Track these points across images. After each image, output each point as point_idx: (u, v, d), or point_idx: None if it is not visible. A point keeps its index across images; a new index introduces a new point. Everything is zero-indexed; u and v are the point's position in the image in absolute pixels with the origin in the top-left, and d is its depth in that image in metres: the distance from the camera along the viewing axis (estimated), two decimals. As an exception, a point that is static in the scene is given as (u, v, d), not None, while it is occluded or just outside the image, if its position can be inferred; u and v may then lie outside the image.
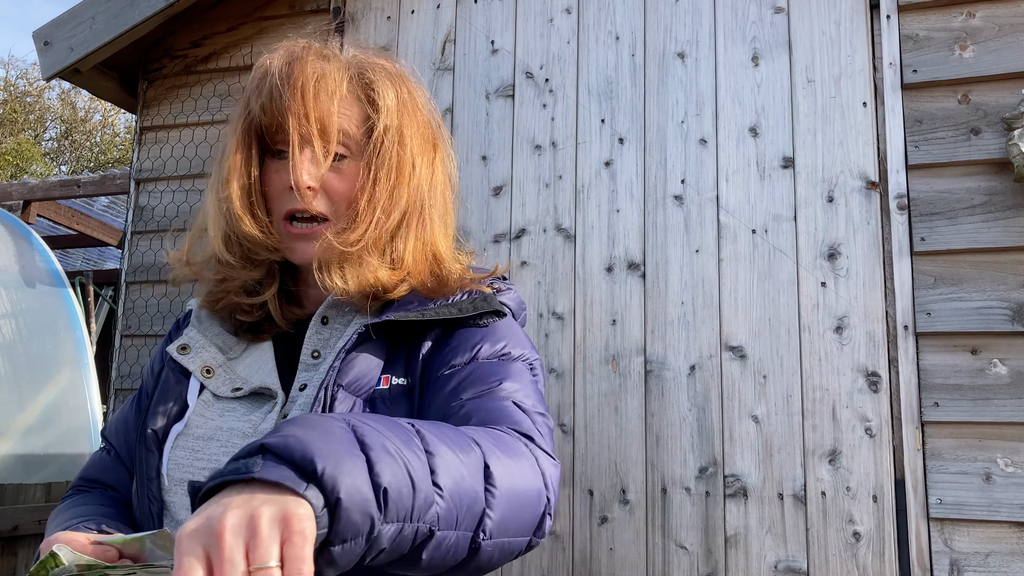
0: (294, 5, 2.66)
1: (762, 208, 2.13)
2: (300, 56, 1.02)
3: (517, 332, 1.03)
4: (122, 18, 2.58)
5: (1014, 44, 2.01)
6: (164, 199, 2.68)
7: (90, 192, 4.98)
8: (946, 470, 1.90)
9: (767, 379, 2.05)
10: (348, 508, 0.59)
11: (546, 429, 0.90)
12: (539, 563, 2.13)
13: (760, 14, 2.22)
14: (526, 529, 0.77)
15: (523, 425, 0.86)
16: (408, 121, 1.05)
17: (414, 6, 2.53)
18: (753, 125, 2.17)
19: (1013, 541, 1.84)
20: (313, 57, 1.02)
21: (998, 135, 1.98)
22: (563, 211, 2.28)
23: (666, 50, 2.28)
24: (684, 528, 2.05)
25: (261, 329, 1.08)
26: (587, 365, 2.18)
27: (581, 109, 2.32)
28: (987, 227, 1.96)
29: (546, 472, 0.81)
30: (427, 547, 0.67)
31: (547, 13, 2.40)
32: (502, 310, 1.02)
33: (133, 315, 2.65)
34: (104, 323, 5.70)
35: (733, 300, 2.11)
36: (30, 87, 17.83)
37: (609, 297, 2.20)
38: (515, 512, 0.75)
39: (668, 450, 2.09)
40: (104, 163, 17.54)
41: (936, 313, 1.96)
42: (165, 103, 2.74)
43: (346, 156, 1.02)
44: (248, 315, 1.07)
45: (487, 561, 0.74)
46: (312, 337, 1.03)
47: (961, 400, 1.92)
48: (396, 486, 0.63)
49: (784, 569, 1.96)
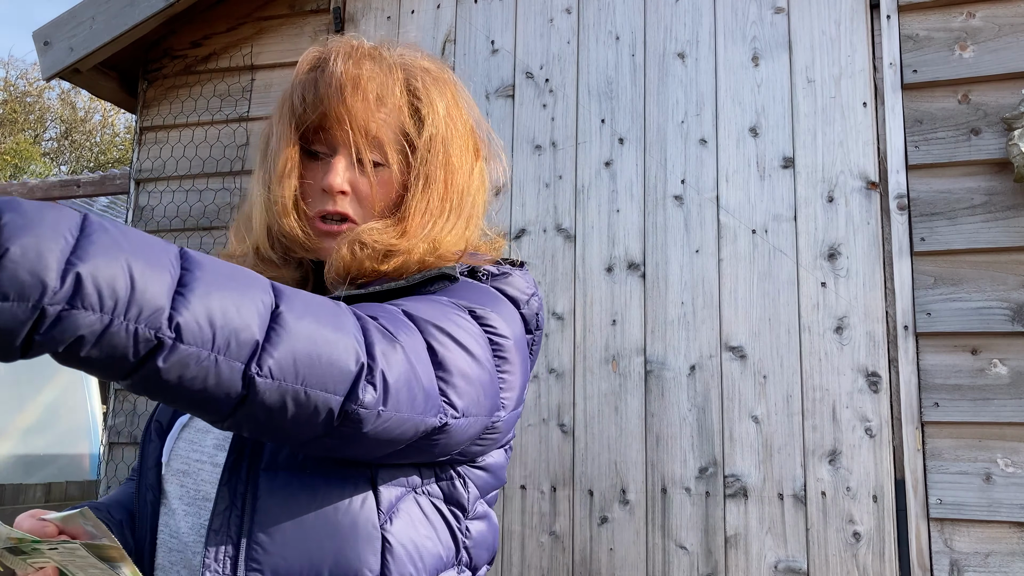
0: (294, 5, 2.66)
1: (762, 208, 2.13)
2: (347, 56, 1.02)
3: (473, 289, 0.95)
4: (122, 18, 2.58)
5: (1014, 44, 2.01)
6: (164, 199, 2.68)
7: (90, 192, 4.98)
8: (946, 470, 1.90)
9: (767, 379, 2.05)
10: (15, 261, 0.57)
11: (416, 333, 0.80)
12: (539, 563, 2.13)
13: (760, 14, 2.22)
14: (329, 385, 0.71)
15: (382, 318, 0.79)
16: (452, 129, 1.05)
17: (414, 6, 2.53)
18: (753, 125, 2.17)
19: (1013, 541, 1.84)
20: (360, 58, 1.02)
21: (998, 135, 1.98)
22: (563, 211, 2.28)
23: (666, 50, 2.28)
24: (684, 528, 2.05)
25: None
26: (587, 365, 2.18)
27: (581, 109, 2.32)
28: (987, 227, 1.96)
29: (370, 339, 0.75)
30: (162, 357, 0.63)
31: (547, 13, 2.40)
32: (453, 274, 0.95)
33: (133, 315, 2.64)
34: (104, 323, 5.70)
35: (733, 300, 2.11)
36: (30, 87, 17.84)
37: (609, 297, 2.20)
38: (309, 360, 0.70)
39: (668, 450, 2.09)
40: (104, 163, 17.54)
41: (936, 313, 1.96)
42: (165, 103, 2.74)
43: (381, 163, 1.02)
44: None
45: (279, 404, 0.70)
46: None
47: (961, 400, 1.92)
48: (98, 275, 0.60)
49: (784, 569, 1.96)
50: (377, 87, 1.01)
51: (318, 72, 1.02)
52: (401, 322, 0.81)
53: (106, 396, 2.87)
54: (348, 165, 1.00)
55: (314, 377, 0.71)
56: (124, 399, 2.60)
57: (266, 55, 2.65)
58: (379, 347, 0.75)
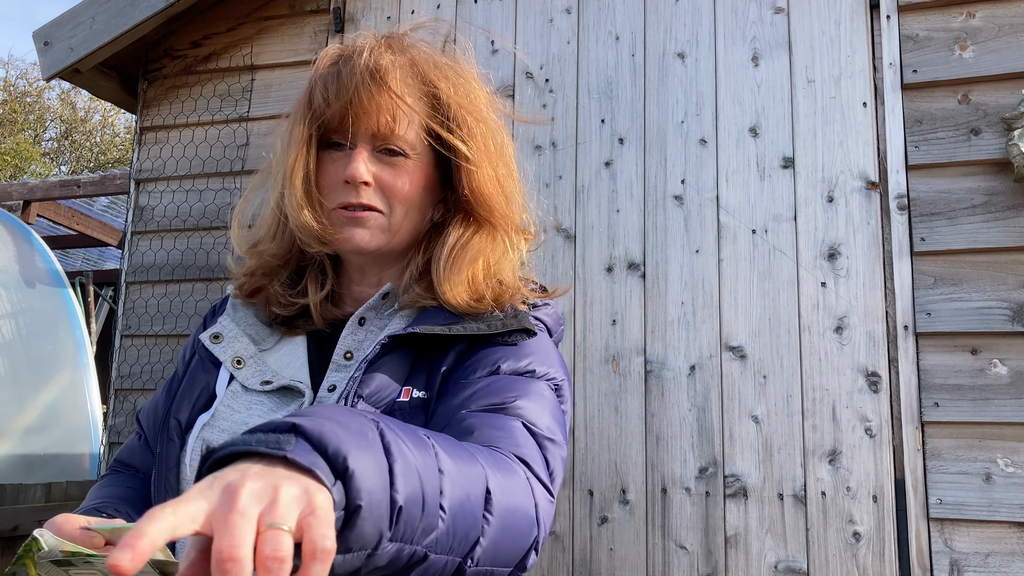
0: (294, 5, 2.66)
1: (762, 208, 2.13)
2: (371, 49, 1.01)
3: (548, 350, 1.01)
4: (122, 18, 2.58)
5: (1014, 44, 2.01)
6: (164, 199, 2.68)
7: (90, 192, 4.98)
8: (946, 470, 1.90)
9: (767, 379, 2.05)
10: (365, 517, 0.56)
11: (556, 458, 0.88)
12: (539, 563, 2.13)
13: (760, 14, 2.22)
14: (511, 560, 0.75)
15: (525, 449, 0.83)
16: (488, 115, 1.05)
17: (414, 6, 2.53)
18: (753, 125, 2.18)
19: (1013, 541, 1.84)
20: (383, 51, 1.01)
21: (998, 135, 1.98)
22: (563, 211, 2.28)
23: (666, 50, 2.28)
24: (684, 528, 2.05)
25: (295, 324, 1.07)
26: (587, 365, 2.18)
27: (581, 109, 2.32)
28: (987, 227, 1.96)
29: (540, 506, 0.78)
30: (417, 569, 0.64)
31: (547, 13, 2.40)
32: (533, 328, 0.99)
33: (133, 315, 2.65)
34: (104, 323, 5.70)
35: (733, 300, 2.11)
36: (30, 87, 17.84)
37: (609, 297, 2.20)
38: (505, 541, 0.73)
39: (668, 450, 2.09)
40: (104, 163, 17.54)
41: (936, 313, 1.96)
42: (165, 103, 2.74)
43: (401, 154, 1.01)
44: (284, 308, 1.06)
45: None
46: (347, 338, 1.02)
47: (961, 400, 1.92)
48: (409, 506, 0.60)
49: (784, 569, 1.96)
50: (399, 78, 1.00)
51: (341, 64, 1.01)
52: (551, 455, 0.87)
53: (106, 396, 2.87)
54: (370, 157, 1.00)
55: (503, 556, 0.74)
56: (124, 399, 2.60)
57: (266, 55, 2.65)
58: (543, 509, 0.79)
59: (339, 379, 0.99)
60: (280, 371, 1.02)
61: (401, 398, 0.94)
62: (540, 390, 0.93)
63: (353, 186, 0.99)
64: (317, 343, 1.05)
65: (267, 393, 1.00)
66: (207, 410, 0.99)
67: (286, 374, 1.01)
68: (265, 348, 1.06)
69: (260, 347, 1.05)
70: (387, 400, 0.93)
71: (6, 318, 3.49)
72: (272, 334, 1.07)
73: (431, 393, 0.95)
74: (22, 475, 3.26)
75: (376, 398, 0.93)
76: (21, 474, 3.27)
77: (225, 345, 1.04)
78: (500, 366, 0.93)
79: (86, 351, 4.05)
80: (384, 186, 1.00)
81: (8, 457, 3.22)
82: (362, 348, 1.01)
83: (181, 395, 1.02)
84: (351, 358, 1.01)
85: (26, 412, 3.36)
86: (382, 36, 1.04)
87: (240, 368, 1.02)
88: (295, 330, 1.06)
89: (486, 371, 0.93)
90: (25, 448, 3.31)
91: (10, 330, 3.49)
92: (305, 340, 1.06)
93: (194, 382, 1.03)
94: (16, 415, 3.29)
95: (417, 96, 1.01)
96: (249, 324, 1.07)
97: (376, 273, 1.07)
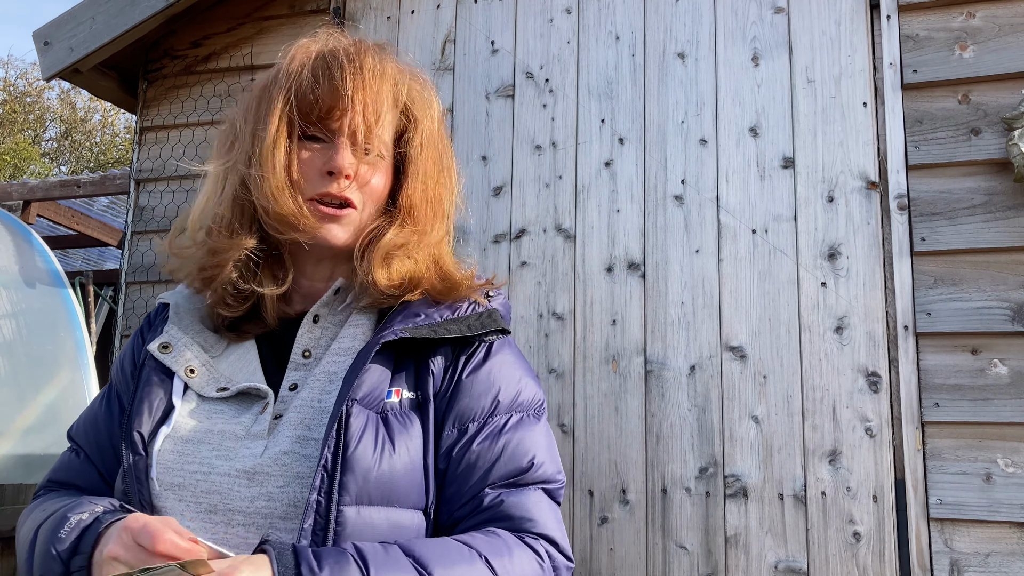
0: (294, 5, 2.66)
1: (762, 208, 2.13)
2: (356, 47, 1.04)
3: (520, 359, 1.07)
4: (122, 18, 2.58)
5: (1014, 44, 2.01)
6: (164, 199, 2.68)
7: (90, 192, 4.98)
8: (946, 470, 1.90)
9: (767, 379, 2.05)
10: None
11: (561, 494, 1.02)
12: (539, 563, 2.13)
13: (760, 14, 2.22)
14: None
15: (548, 525, 0.96)
16: (440, 134, 1.10)
17: (414, 6, 2.53)
18: (753, 125, 2.18)
19: (1013, 541, 1.84)
20: (369, 51, 1.04)
21: (998, 135, 1.98)
22: (563, 211, 2.28)
23: (666, 50, 2.28)
24: (684, 528, 2.05)
25: (242, 328, 1.06)
26: (587, 365, 2.18)
27: (581, 109, 2.32)
28: (987, 227, 1.96)
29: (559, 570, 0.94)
30: None
31: (547, 13, 2.40)
32: (507, 327, 1.06)
33: (133, 315, 2.65)
34: (104, 323, 5.70)
35: (733, 300, 2.11)
36: (30, 87, 17.83)
37: (609, 297, 2.20)
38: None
39: (668, 450, 2.09)
40: (104, 163, 17.54)
41: (936, 313, 1.96)
42: (165, 103, 2.74)
43: (376, 153, 1.03)
44: (232, 309, 1.05)
45: None
46: (304, 336, 1.02)
47: (961, 400, 1.92)
48: None
49: (784, 569, 1.96)
50: (385, 79, 1.03)
51: (328, 59, 1.02)
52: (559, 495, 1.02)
53: (106, 396, 2.86)
54: (353, 149, 1.01)
55: None
56: (124, 399, 2.60)
57: (266, 55, 2.65)
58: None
59: (299, 378, 1.00)
60: (234, 377, 1.02)
61: (392, 399, 0.96)
62: (540, 431, 1.03)
63: (335, 178, 1.00)
64: (268, 343, 1.05)
65: (226, 400, 1.00)
66: (166, 421, 0.98)
67: (241, 379, 1.01)
68: (215, 355, 1.05)
69: (210, 354, 1.04)
70: (378, 401, 0.95)
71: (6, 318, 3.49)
72: (219, 341, 1.06)
73: (423, 393, 0.98)
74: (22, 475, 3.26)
75: (369, 400, 0.94)
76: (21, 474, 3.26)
77: (176, 355, 1.02)
78: (498, 403, 1.00)
79: (86, 351, 4.04)
80: (362, 183, 1.02)
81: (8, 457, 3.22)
82: (320, 345, 1.02)
83: (138, 407, 0.99)
84: (309, 356, 1.02)
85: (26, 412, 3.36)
86: (353, 40, 1.07)
87: (193, 377, 1.01)
88: (244, 335, 1.06)
89: (486, 407, 1.00)
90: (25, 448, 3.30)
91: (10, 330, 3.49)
92: (255, 343, 1.05)
93: (150, 394, 1.00)
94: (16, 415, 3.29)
95: (392, 103, 1.04)
96: (196, 332, 1.06)
97: (329, 268, 1.08)
